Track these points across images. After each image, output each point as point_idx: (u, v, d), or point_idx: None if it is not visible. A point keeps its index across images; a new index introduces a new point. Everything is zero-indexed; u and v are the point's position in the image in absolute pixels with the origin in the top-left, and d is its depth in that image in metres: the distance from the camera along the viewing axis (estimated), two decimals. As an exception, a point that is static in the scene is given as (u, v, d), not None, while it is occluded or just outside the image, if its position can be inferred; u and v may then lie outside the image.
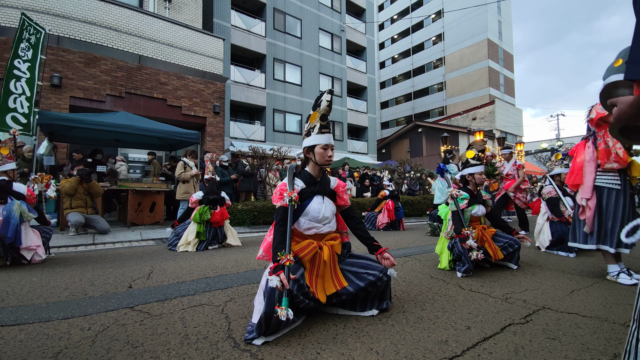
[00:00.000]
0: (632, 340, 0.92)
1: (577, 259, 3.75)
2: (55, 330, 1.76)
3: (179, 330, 1.76)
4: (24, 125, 5.20)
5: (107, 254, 4.17)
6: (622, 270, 2.77)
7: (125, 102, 9.48)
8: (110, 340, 1.63)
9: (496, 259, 3.08)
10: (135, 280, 2.78)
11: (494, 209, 3.47)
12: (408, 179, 12.11)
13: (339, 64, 20.58)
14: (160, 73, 10.18)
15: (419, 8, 33.63)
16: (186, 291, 2.47)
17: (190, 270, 3.17)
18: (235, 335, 1.69)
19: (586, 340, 1.62)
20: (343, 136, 20.39)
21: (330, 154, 2.02)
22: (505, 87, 30.38)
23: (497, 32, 29.90)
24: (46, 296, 2.36)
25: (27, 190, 3.62)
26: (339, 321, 1.89)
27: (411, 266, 3.34)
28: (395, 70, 35.96)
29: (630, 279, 2.70)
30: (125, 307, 2.10)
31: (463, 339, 1.65)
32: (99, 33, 9.26)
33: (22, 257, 3.40)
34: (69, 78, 8.66)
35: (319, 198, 2.03)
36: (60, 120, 5.88)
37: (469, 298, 2.30)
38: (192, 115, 10.81)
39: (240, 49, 16.46)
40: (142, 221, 6.58)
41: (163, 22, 10.48)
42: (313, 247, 1.90)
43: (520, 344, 1.59)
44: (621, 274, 2.75)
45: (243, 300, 2.25)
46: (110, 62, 9.30)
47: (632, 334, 0.92)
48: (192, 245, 4.40)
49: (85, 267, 3.34)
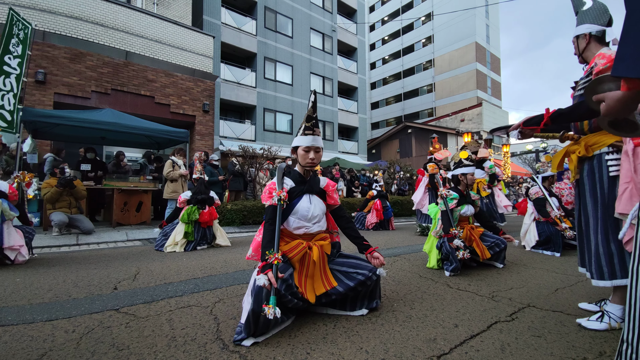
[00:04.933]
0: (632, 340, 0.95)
1: (562, 258, 3.84)
2: (40, 332, 1.71)
3: (166, 332, 1.73)
4: (8, 123, 5.04)
5: (91, 254, 4.07)
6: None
7: (111, 99, 9.27)
8: (95, 343, 1.59)
9: (484, 258, 3.13)
10: (121, 282, 2.73)
11: (482, 210, 3.53)
12: (398, 179, 12.22)
13: (330, 64, 20.60)
14: (147, 70, 9.99)
15: (409, 10, 33.92)
16: (174, 292, 2.43)
17: (178, 271, 3.12)
18: (224, 337, 1.67)
19: (571, 338, 1.66)
20: (334, 136, 20.41)
21: (312, 156, 1.98)
22: (492, 89, 30.90)
23: (485, 35, 30.40)
24: (30, 297, 2.29)
25: (8, 188, 3.51)
26: (329, 321, 1.89)
27: (400, 265, 3.36)
28: (386, 71, 36.21)
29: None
30: (110, 309, 2.06)
31: (451, 337, 1.67)
32: (85, 28, 9.05)
33: (6, 257, 3.30)
34: (53, 74, 8.43)
35: (308, 197, 2.03)
36: (44, 117, 5.72)
37: (457, 297, 2.33)
38: (181, 113, 10.65)
39: (230, 47, 16.30)
40: (128, 221, 6.45)
41: (151, 18, 10.30)
42: (302, 247, 1.90)
43: (506, 342, 1.62)
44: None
45: (232, 301, 2.23)
46: (96, 58, 9.09)
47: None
48: (180, 245, 4.34)
49: (69, 268, 3.26)
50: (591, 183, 1.87)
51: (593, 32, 1.86)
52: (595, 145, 1.84)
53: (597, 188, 1.83)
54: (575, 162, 1.93)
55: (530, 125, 1.90)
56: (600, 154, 1.83)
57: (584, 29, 1.88)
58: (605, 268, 1.74)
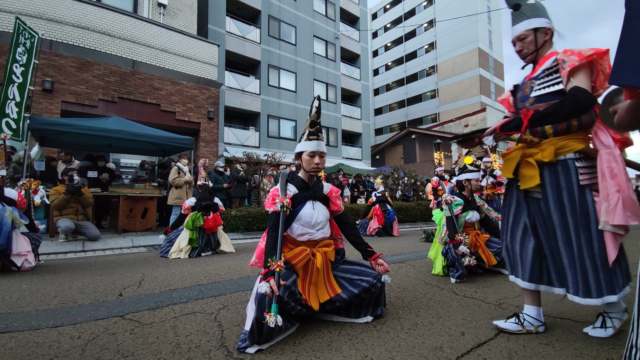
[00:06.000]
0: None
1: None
2: (45, 339, 1.72)
3: (171, 339, 1.73)
4: (14, 131, 5.12)
5: (97, 261, 4.09)
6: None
7: (118, 107, 9.39)
8: (100, 350, 1.59)
9: (490, 264, 3.09)
10: (126, 288, 2.74)
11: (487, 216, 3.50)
12: (402, 185, 12.18)
13: (333, 70, 20.74)
14: (154, 78, 10.13)
15: (412, 17, 34.16)
16: (178, 299, 2.43)
17: (183, 278, 3.13)
18: (229, 344, 1.66)
19: (579, 346, 1.63)
20: (337, 142, 20.45)
21: (317, 161, 1.99)
22: (496, 94, 30.84)
23: (488, 41, 30.49)
24: (36, 304, 2.31)
25: (17, 196, 3.56)
26: (334, 328, 1.88)
27: (405, 272, 3.34)
28: (389, 78, 36.36)
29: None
30: (115, 316, 2.07)
31: (457, 345, 1.65)
32: (92, 38, 9.21)
33: (13, 263, 3.34)
34: (60, 83, 8.57)
35: (312, 203, 2.03)
36: (52, 125, 5.80)
37: (463, 304, 2.30)
38: (186, 120, 10.75)
39: (234, 55, 16.50)
40: (133, 227, 6.49)
41: (157, 28, 10.47)
42: (306, 254, 1.89)
43: (513, 350, 1.59)
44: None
45: (236, 308, 2.22)
46: (103, 67, 9.23)
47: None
48: (184, 252, 4.35)
49: (74, 274, 3.28)
50: (556, 192, 1.66)
51: (554, 28, 1.74)
52: (561, 150, 1.65)
53: (565, 197, 1.63)
54: (533, 168, 1.69)
55: (508, 131, 1.70)
56: (565, 159, 1.65)
57: (544, 22, 1.72)
58: (593, 283, 1.56)
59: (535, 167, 1.68)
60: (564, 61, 1.59)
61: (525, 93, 1.81)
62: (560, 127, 1.66)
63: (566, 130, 1.65)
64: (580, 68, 1.56)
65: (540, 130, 1.71)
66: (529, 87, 1.79)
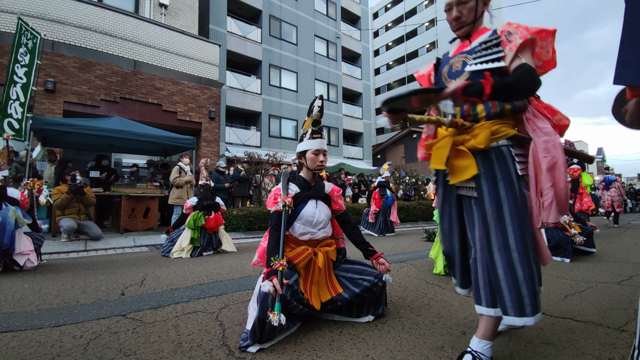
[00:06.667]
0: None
1: (571, 264, 3.78)
2: (47, 338, 1.73)
3: (172, 338, 1.73)
4: (16, 131, 5.15)
5: (99, 260, 4.11)
6: None
7: (120, 107, 9.42)
8: (102, 349, 1.60)
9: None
10: (128, 288, 2.75)
11: None
12: (404, 185, 12.16)
13: (335, 70, 20.73)
14: (155, 78, 10.15)
15: (413, 16, 34.07)
16: (180, 298, 2.44)
17: (184, 277, 3.14)
18: (230, 343, 1.67)
19: (581, 345, 1.63)
20: (338, 142, 20.46)
21: (321, 159, 2.02)
22: (498, 94, 30.82)
23: (490, 40, 30.42)
24: (38, 303, 2.32)
25: (20, 195, 3.58)
26: (335, 327, 1.88)
27: (407, 271, 3.34)
28: (390, 77, 36.29)
29: None
30: (117, 315, 2.07)
31: (459, 344, 1.65)
32: (94, 38, 9.24)
33: (15, 262, 3.35)
34: (63, 83, 8.60)
35: (313, 202, 2.04)
36: (54, 125, 5.83)
37: (465, 303, 2.30)
38: (188, 120, 10.77)
39: (236, 54, 16.51)
40: (135, 227, 6.51)
41: (159, 28, 10.49)
42: (308, 253, 1.90)
43: (515, 349, 1.59)
44: None
45: (238, 307, 2.23)
46: (105, 67, 9.26)
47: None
48: (186, 251, 4.36)
49: (77, 274, 3.29)
50: (491, 184, 1.38)
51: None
52: (495, 136, 1.39)
53: (502, 190, 1.36)
54: (467, 156, 1.41)
55: (468, 95, 1.29)
56: (499, 146, 1.40)
57: None
58: (527, 300, 1.30)
59: (470, 155, 1.40)
60: (510, 33, 1.37)
61: (456, 68, 1.53)
62: (494, 110, 1.41)
63: (499, 113, 1.41)
64: (528, 44, 1.36)
65: (472, 112, 1.44)
66: (460, 61, 1.53)
